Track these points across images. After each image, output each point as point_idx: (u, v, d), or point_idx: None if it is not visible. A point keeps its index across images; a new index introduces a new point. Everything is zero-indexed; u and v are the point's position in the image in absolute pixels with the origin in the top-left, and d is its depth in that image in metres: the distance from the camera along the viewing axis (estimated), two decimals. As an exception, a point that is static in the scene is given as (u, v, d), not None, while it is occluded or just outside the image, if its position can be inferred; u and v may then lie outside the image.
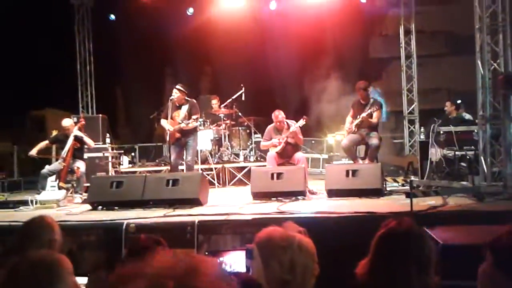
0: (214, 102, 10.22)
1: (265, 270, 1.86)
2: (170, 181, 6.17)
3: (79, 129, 7.66)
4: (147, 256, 0.85)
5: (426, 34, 12.26)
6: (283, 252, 1.87)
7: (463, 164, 6.43)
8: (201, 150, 8.74)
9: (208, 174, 8.39)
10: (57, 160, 7.50)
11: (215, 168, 8.88)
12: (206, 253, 2.21)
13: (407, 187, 6.46)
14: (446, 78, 11.96)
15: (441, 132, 6.62)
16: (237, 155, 9.81)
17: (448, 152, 6.59)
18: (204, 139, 8.97)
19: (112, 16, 11.74)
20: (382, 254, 1.91)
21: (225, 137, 9.82)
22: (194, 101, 7.76)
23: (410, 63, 11.13)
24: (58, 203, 6.69)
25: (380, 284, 1.87)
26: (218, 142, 9.74)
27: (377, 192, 5.99)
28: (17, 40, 11.17)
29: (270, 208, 5.53)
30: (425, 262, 1.93)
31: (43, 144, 7.60)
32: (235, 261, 2.15)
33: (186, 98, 7.56)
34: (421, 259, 1.92)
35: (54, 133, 7.94)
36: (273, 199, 6.21)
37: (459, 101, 8.71)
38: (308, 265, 1.90)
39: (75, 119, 8.19)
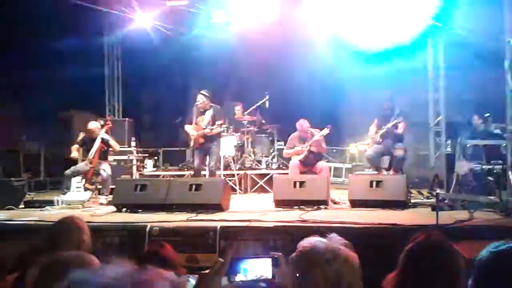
0: (238, 109, 10.28)
1: (304, 281, 1.79)
2: (194, 186, 6.22)
3: (106, 132, 7.79)
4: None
5: (455, 45, 12.07)
6: (328, 265, 1.77)
7: (490, 178, 6.30)
8: (223, 156, 8.78)
9: (230, 180, 8.42)
10: (83, 161, 7.63)
11: (237, 175, 8.90)
12: (234, 259, 2.19)
13: (432, 200, 6.37)
14: (474, 90, 11.73)
15: (468, 145, 6.51)
16: (260, 162, 9.82)
17: (475, 165, 6.47)
18: (227, 145, 9.01)
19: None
20: (410, 268, 1.89)
21: (248, 143, 9.85)
22: (218, 107, 7.82)
23: (437, 74, 10.97)
24: (83, 204, 6.81)
25: (408, 299, 1.85)
26: (241, 148, 9.78)
27: (402, 204, 5.91)
28: (46, 42, 11.44)
29: (292, 216, 5.52)
30: (453, 277, 1.90)
31: (75, 146, 7.75)
32: (260, 268, 2.14)
33: (211, 104, 7.63)
34: (451, 274, 1.89)
35: (81, 135, 8.09)
36: (295, 207, 6.19)
37: (487, 114, 8.54)
38: (354, 281, 1.82)
39: (102, 122, 8.34)
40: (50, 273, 1.72)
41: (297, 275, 1.78)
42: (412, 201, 6.49)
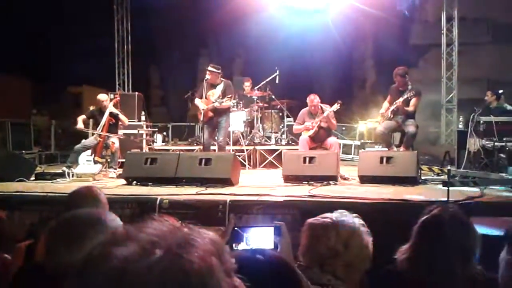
0: (247, 85, 10.22)
1: (313, 245, 1.83)
2: (203, 160, 6.21)
3: (114, 106, 7.79)
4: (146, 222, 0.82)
5: (468, 21, 11.84)
6: (344, 227, 1.84)
7: (502, 155, 6.23)
8: (233, 132, 8.77)
9: (239, 156, 8.41)
10: (93, 135, 7.65)
11: (247, 150, 8.90)
12: (235, 228, 2.19)
13: (443, 177, 6.33)
14: (488, 67, 11.54)
15: (481, 122, 6.43)
16: (269, 137, 9.80)
17: (487, 142, 6.39)
18: (237, 121, 8.99)
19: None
20: (425, 240, 1.87)
21: (257, 119, 9.81)
22: (229, 81, 7.77)
23: (451, 51, 10.82)
24: (93, 176, 6.86)
25: (421, 271, 1.84)
26: (250, 124, 9.75)
27: (412, 180, 5.87)
28: (56, 18, 11.39)
29: (301, 191, 5.50)
30: (468, 251, 1.89)
31: (81, 118, 7.76)
32: (262, 237, 2.14)
33: (221, 78, 7.57)
34: (465, 247, 1.87)
35: (90, 108, 8.10)
36: (304, 182, 6.18)
37: (500, 91, 8.40)
38: (363, 249, 1.86)
39: (112, 96, 8.34)
40: (61, 233, 1.67)
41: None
42: (423, 177, 6.44)
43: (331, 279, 1.76)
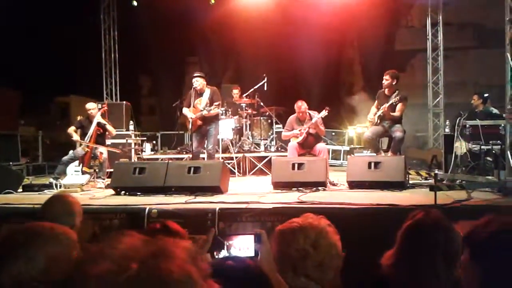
0: (235, 92, 10.24)
1: (284, 249, 1.88)
2: (192, 169, 6.20)
3: (102, 115, 7.76)
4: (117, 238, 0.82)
5: (454, 26, 12.00)
6: (311, 229, 1.93)
7: (488, 158, 6.30)
8: (222, 139, 8.77)
9: (228, 163, 8.41)
10: (80, 145, 7.61)
11: (236, 157, 8.90)
12: (218, 237, 2.22)
13: (431, 181, 6.37)
14: (473, 71, 11.70)
15: (467, 125, 6.50)
16: (258, 144, 9.82)
17: (473, 146, 6.46)
18: (225, 128, 9.00)
19: (135, 3, 11.70)
20: (409, 245, 1.89)
21: (246, 126, 9.83)
22: (215, 88, 7.78)
23: (437, 56, 10.95)
24: (82, 187, 6.81)
25: (405, 275, 1.86)
26: (239, 131, 9.76)
27: (400, 185, 5.91)
28: (43, 27, 11.33)
29: (290, 197, 5.51)
30: (452, 255, 1.90)
31: (72, 129, 7.72)
32: (243, 245, 2.16)
33: (207, 86, 7.58)
34: (449, 252, 1.89)
35: (78, 118, 8.06)
36: (293, 189, 6.19)
37: (486, 95, 8.51)
38: (332, 247, 1.92)
39: (99, 106, 8.31)
40: (11, 242, 1.67)
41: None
42: (411, 182, 6.49)
43: (304, 281, 1.81)
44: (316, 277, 1.86)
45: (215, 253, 2.13)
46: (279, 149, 9.65)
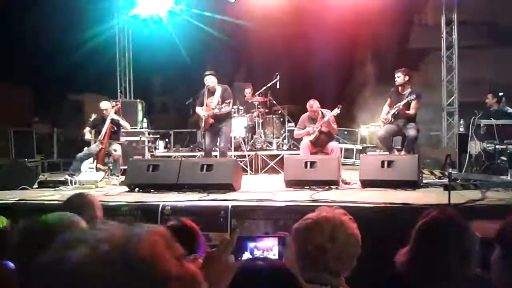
0: (248, 91, 10.26)
1: (302, 248, 1.88)
2: (205, 166, 6.23)
3: (115, 113, 7.84)
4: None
5: (468, 24, 11.87)
6: (326, 223, 1.92)
7: (503, 158, 6.24)
8: (234, 137, 8.79)
9: (241, 161, 8.43)
10: (95, 142, 7.69)
11: (248, 155, 8.92)
12: (240, 237, 2.22)
13: (444, 180, 6.33)
14: (488, 70, 11.56)
15: (482, 125, 6.44)
16: (270, 143, 9.83)
17: (488, 145, 6.40)
18: (238, 126, 9.03)
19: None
20: (423, 243, 1.88)
21: (258, 125, 9.85)
22: (226, 86, 7.79)
23: (451, 54, 10.85)
24: (96, 184, 6.88)
25: (420, 273, 1.85)
26: (251, 129, 9.79)
27: (413, 184, 5.87)
28: (57, 25, 11.44)
29: (303, 196, 5.52)
30: (466, 253, 1.90)
31: (87, 129, 7.81)
32: (266, 247, 2.17)
33: (218, 84, 7.61)
34: (463, 250, 1.88)
35: (93, 116, 8.14)
36: (306, 187, 6.19)
37: (501, 94, 8.41)
38: (349, 237, 1.92)
39: (113, 103, 8.39)
40: (32, 236, 1.66)
41: (293, 250, 1.89)
42: (424, 181, 6.44)
43: (326, 276, 1.81)
44: (337, 269, 1.87)
45: (238, 255, 2.13)
46: (292, 147, 9.65)
